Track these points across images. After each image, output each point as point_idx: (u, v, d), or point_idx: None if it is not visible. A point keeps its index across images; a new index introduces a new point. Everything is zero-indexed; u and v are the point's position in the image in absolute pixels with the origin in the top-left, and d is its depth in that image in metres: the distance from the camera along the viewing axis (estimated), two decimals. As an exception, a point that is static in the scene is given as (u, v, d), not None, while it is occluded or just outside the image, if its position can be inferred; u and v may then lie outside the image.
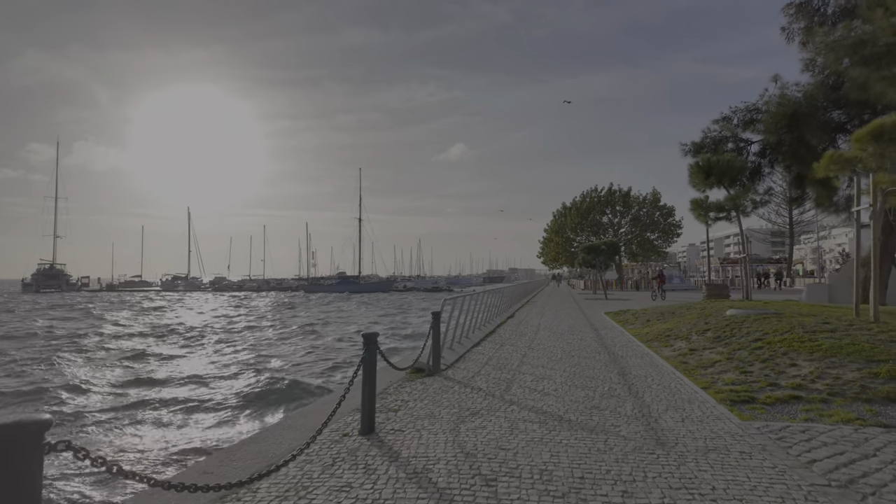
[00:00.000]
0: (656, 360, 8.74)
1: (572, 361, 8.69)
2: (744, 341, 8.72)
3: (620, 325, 14.73)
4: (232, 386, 12.61)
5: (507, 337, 12.44)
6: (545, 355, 9.41)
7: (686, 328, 11.22)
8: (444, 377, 7.45)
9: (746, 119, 18.40)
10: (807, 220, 59.48)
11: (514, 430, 4.74)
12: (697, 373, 7.50)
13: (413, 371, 7.85)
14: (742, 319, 10.33)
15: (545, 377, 7.35)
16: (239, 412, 10.19)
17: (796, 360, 7.15)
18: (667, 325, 12.51)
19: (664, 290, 29.51)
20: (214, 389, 12.29)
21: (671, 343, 10.28)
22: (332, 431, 4.86)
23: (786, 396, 5.89)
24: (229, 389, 12.15)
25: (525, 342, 11.36)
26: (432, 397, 6.18)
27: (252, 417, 9.87)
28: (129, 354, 17.94)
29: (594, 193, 56.84)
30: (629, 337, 12.05)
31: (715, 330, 10.10)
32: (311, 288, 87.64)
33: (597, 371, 7.78)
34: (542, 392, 6.38)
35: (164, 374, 14.25)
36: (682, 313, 14.21)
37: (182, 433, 8.92)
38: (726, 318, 10.87)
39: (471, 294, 13.51)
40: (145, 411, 10.34)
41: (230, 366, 15.55)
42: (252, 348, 19.40)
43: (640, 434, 4.64)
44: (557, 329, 14.03)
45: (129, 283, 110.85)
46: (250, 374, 13.88)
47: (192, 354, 18.28)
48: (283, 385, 12.01)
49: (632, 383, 6.87)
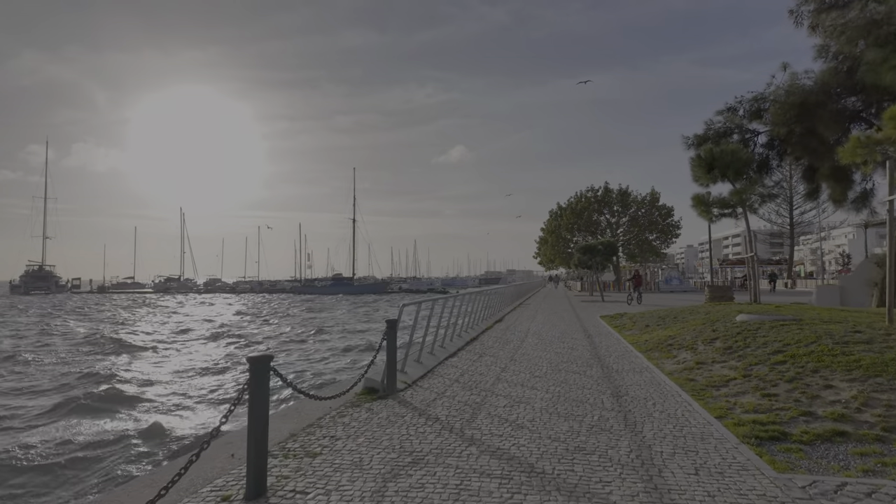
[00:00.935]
0: (657, 376, 7.39)
1: (558, 378, 7.34)
2: (761, 354, 7.38)
3: (617, 331, 13.39)
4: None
5: (489, 345, 11.09)
6: (528, 369, 8.06)
7: (691, 336, 9.87)
8: (399, 400, 6.09)
9: (753, 109, 17.09)
10: (807, 221, 58.35)
11: (460, 495, 3.38)
12: (708, 394, 6.15)
13: (364, 392, 6.49)
14: (756, 326, 8.99)
15: (522, 400, 5.99)
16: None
17: (831, 380, 5.80)
18: (668, 332, 11.17)
19: (641, 294, 26.20)
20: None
21: (674, 353, 8.93)
22: (213, 490, 3.50)
23: (827, 432, 4.54)
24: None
25: (508, 352, 10.00)
26: (372, 433, 4.81)
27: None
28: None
29: (591, 193, 55.52)
30: (626, 345, 10.70)
31: (724, 339, 8.76)
32: (303, 290, 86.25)
33: (586, 392, 6.42)
34: (515, 424, 5.02)
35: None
36: (685, 318, 12.87)
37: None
38: (737, 325, 9.53)
39: (454, 296, 12.18)
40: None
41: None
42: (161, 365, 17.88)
43: (641, 501, 3.29)
44: (547, 336, 12.68)
45: (121, 284, 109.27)
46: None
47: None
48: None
49: (628, 410, 5.52)
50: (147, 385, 13.01)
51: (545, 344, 11.09)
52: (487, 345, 11.15)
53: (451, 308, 11.66)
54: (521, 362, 8.76)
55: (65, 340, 22.67)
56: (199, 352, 19.09)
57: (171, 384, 13.21)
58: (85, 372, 14.38)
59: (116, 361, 16.76)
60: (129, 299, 67.60)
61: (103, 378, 13.39)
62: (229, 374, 14.35)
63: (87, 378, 13.53)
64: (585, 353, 9.64)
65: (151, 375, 14.24)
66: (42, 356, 17.80)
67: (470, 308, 14.21)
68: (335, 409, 5.76)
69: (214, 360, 16.87)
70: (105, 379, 13.28)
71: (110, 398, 11.19)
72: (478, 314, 15.51)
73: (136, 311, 43.24)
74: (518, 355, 9.56)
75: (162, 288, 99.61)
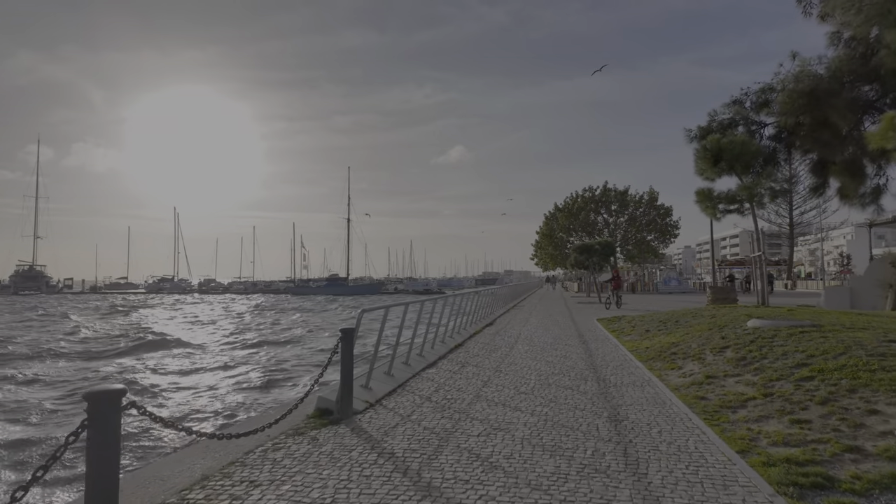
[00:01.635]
0: (661, 392, 6.38)
1: (547, 394, 6.32)
2: (781, 367, 6.38)
3: (615, 336, 12.39)
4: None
5: (474, 352, 10.08)
6: (513, 383, 7.04)
7: (697, 343, 8.88)
8: (353, 427, 5.06)
9: (760, 101, 16.10)
10: (806, 222, 57.41)
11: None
12: (724, 418, 5.15)
13: (315, 415, 5.47)
14: (771, 334, 7.99)
15: (501, 426, 4.98)
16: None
17: (875, 403, 4.80)
18: (671, 338, 10.17)
19: (620, 297, 23.43)
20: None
21: (679, 364, 7.93)
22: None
23: (886, 477, 3.53)
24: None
25: (494, 361, 8.99)
26: (304, 477, 3.79)
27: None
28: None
29: (588, 192, 54.55)
30: (624, 353, 9.70)
31: (736, 347, 7.76)
32: (298, 290, 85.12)
33: (579, 414, 5.41)
34: (487, 462, 4.00)
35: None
36: (689, 322, 11.88)
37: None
38: (748, 332, 8.53)
39: (440, 297, 11.19)
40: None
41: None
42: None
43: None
44: (539, 341, 11.67)
45: (114, 284, 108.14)
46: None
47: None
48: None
49: (629, 440, 4.51)
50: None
51: (536, 351, 10.08)
52: (473, 352, 10.13)
53: (433, 311, 10.65)
54: (506, 374, 7.75)
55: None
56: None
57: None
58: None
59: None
60: (108, 301, 66.27)
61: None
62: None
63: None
64: (580, 363, 8.63)
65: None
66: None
67: (459, 310, 13.22)
68: (273, 437, 4.74)
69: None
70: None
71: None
72: (467, 317, 14.51)
73: (93, 317, 42.05)
74: (505, 365, 8.54)
75: (155, 288, 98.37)
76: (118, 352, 19.05)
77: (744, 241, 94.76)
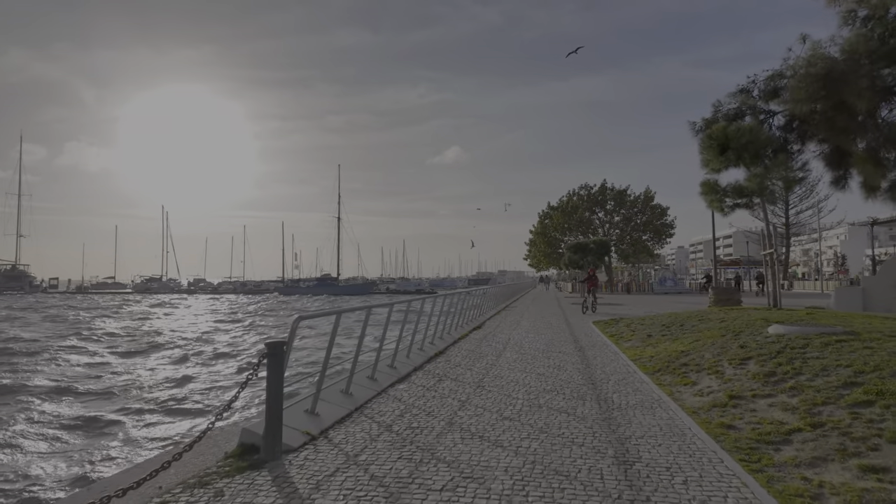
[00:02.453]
0: (678, 417, 5.18)
1: (537, 421, 5.11)
2: (824, 386, 5.20)
3: (613, 342, 11.20)
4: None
5: (456, 362, 8.85)
6: (496, 405, 5.82)
7: (711, 352, 7.69)
8: (277, 475, 3.81)
9: (769, 89, 14.96)
10: (801, 222, 56.58)
11: None
12: (767, 460, 3.94)
13: (236, 452, 4.22)
14: (800, 343, 6.81)
15: (475, 474, 3.75)
16: None
17: (971, 444, 3.62)
18: (679, 346, 8.98)
19: (596, 299, 20.75)
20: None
21: (693, 378, 6.73)
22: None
23: None
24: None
25: (477, 373, 7.77)
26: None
27: None
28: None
29: (584, 190, 53.46)
30: (626, 363, 8.50)
31: (760, 359, 6.57)
32: (287, 290, 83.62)
33: (576, 451, 4.20)
34: (447, 542, 2.77)
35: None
36: (695, 326, 10.71)
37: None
38: (771, 339, 7.36)
39: (421, 298, 10.00)
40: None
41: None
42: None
43: None
44: (530, 348, 10.46)
45: (101, 284, 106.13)
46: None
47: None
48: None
49: (647, 498, 3.30)
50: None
51: (526, 360, 8.87)
52: (454, 361, 8.90)
53: (416, 313, 9.45)
54: (489, 391, 6.52)
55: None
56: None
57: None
58: None
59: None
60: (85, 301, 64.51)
61: None
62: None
63: None
64: (576, 376, 7.42)
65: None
66: None
67: (444, 312, 12.02)
68: (167, 490, 3.49)
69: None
70: None
71: None
72: (454, 319, 13.29)
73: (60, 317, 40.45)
74: (489, 379, 7.32)
75: (142, 288, 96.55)
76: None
77: (737, 241, 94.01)
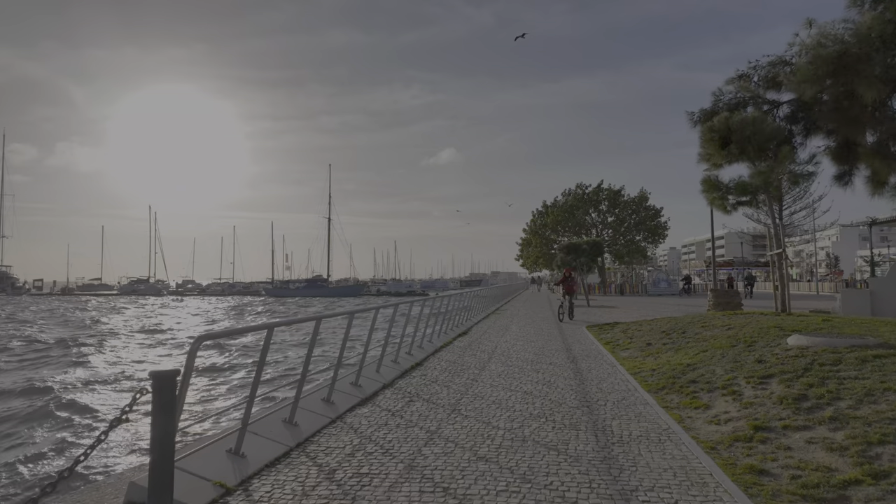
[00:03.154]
0: (695, 457, 4.16)
1: (519, 463, 4.08)
2: (874, 416, 4.21)
3: (609, 351, 10.21)
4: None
5: (433, 376, 7.82)
6: (471, 438, 4.79)
7: (722, 366, 6.71)
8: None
9: (770, 76, 14.04)
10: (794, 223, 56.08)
11: None
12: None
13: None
14: (830, 358, 5.83)
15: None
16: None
17: None
18: (683, 357, 8.00)
19: (573, 305, 17.64)
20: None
21: (705, 400, 5.74)
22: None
23: None
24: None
25: (454, 392, 6.74)
26: None
27: None
28: None
29: (580, 189, 52.58)
30: (625, 377, 7.50)
31: (785, 378, 5.59)
32: (276, 292, 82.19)
33: (569, 515, 3.18)
34: None
35: None
36: (699, 333, 9.75)
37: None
38: (792, 352, 6.38)
39: (397, 304, 8.96)
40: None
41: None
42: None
43: None
44: (518, 358, 9.45)
45: (87, 286, 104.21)
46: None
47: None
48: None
49: None
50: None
51: (513, 374, 7.85)
52: (431, 376, 7.87)
53: (386, 323, 8.41)
54: (466, 418, 5.49)
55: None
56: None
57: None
58: None
59: None
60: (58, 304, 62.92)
61: None
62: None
63: None
64: (569, 396, 6.40)
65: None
66: None
67: (427, 317, 11.01)
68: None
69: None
70: None
71: None
72: (439, 325, 12.28)
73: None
74: (467, 399, 6.29)
75: (129, 290, 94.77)
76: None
77: (729, 242, 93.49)
